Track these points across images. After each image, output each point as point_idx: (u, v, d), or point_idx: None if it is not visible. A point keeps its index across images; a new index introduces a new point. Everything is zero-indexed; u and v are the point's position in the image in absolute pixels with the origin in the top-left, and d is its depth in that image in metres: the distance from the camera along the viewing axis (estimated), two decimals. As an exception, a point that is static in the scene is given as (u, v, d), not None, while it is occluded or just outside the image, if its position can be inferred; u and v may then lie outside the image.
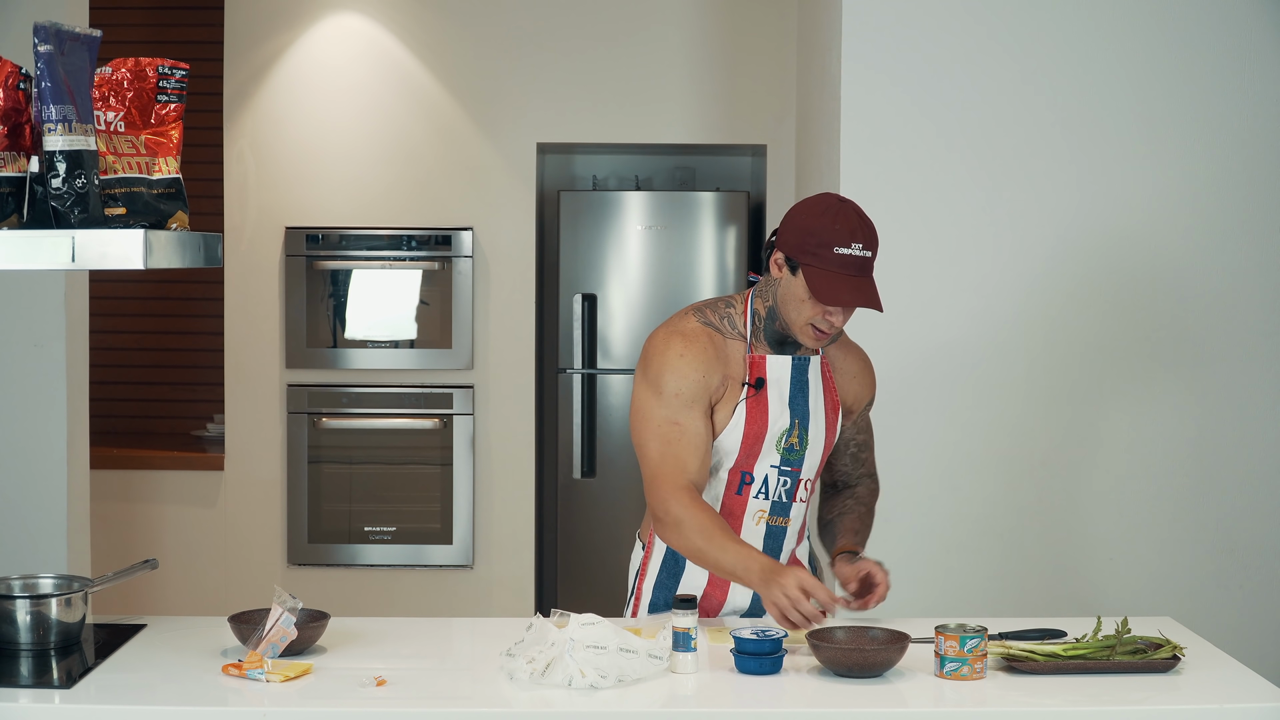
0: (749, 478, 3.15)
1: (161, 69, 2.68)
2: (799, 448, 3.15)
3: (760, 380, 3.11)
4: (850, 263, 3.00)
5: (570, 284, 6.26)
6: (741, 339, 3.15)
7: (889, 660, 2.79)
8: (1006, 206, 4.45)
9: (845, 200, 3.07)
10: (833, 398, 3.20)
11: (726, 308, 3.18)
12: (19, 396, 4.31)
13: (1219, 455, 4.47)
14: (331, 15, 6.14)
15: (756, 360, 3.13)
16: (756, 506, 3.16)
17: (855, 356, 3.30)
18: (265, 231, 6.17)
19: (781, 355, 3.14)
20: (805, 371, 3.16)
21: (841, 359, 3.27)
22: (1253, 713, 2.68)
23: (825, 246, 2.99)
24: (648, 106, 6.20)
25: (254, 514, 6.19)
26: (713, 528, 3.00)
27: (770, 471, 3.15)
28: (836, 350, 3.26)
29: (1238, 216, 4.44)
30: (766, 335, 3.15)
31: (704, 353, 3.09)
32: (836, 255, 2.99)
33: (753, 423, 3.10)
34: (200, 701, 2.66)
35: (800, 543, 3.28)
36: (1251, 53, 4.41)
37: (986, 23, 4.43)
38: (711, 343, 3.11)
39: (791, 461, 3.15)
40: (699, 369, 3.08)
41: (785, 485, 3.16)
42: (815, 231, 3.01)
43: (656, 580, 3.24)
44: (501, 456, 6.21)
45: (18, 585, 3.02)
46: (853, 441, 3.32)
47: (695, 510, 3.01)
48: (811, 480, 3.20)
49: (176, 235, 2.60)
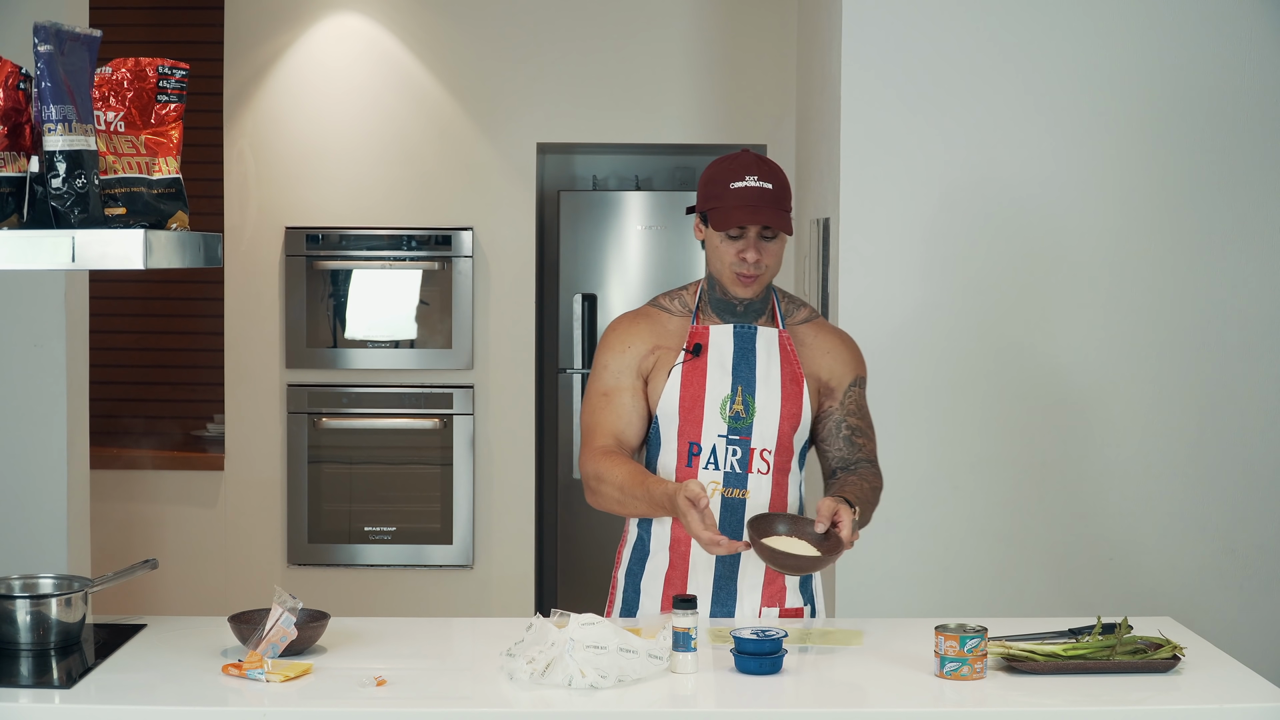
0: (696, 448, 3.19)
1: (161, 69, 2.68)
2: (745, 415, 3.18)
3: (698, 346, 3.21)
4: (749, 194, 3.12)
5: (570, 284, 6.26)
6: (687, 314, 3.26)
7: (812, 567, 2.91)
8: (1006, 206, 4.45)
9: (745, 150, 3.23)
10: (793, 369, 3.22)
11: (682, 290, 3.32)
12: (19, 396, 4.31)
13: (1219, 455, 4.47)
14: (331, 15, 6.14)
15: (697, 329, 3.23)
16: (708, 477, 3.18)
17: (830, 334, 3.32)
18: (265, 231, 6.17)
19: (724, 325, 3.23)
20: (752, 340, 3.22)
21: (812, 335, 3.29)
22: (1253, 713, 2.68)
23: (723, 186, 3.15)
24: (648, 106, 6.20)
25: (254, 514, 6.19)
26: (626, 476, 3.11)
27: (718, 441, 3.18)
28: (808, 328, 3.29)
29: (1238, 216, 4.44)
30: (713, 306, 3.25)
31: (633, 328, 3.27)
32: (733, 190, 3.13)
33: (689, 386, 3.19)
34: (200, 701, 2.66)
35: None
36: (1251, 54, 4.41)
37: (986, 24, 4.43)
38: (648, 319, 3.28)
39: (739, 430, 3.18)
40: (626, 342, 3.24)
41: (736, 455, 3.18)
42: (714, 178, 3.18)
43: (627, 569, 3.28)
44: (501, 456, 6.21)
45: (18, 585, 3.02)
46: (844, 424, 3.26)
47: (610, 464, 3.14)
48: (770, 451, 3.19)
49: (176, 235, 2.60)
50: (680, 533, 3.19)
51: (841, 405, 3.27)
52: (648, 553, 3.25)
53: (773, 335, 3.24)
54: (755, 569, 3.20)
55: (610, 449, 3.18)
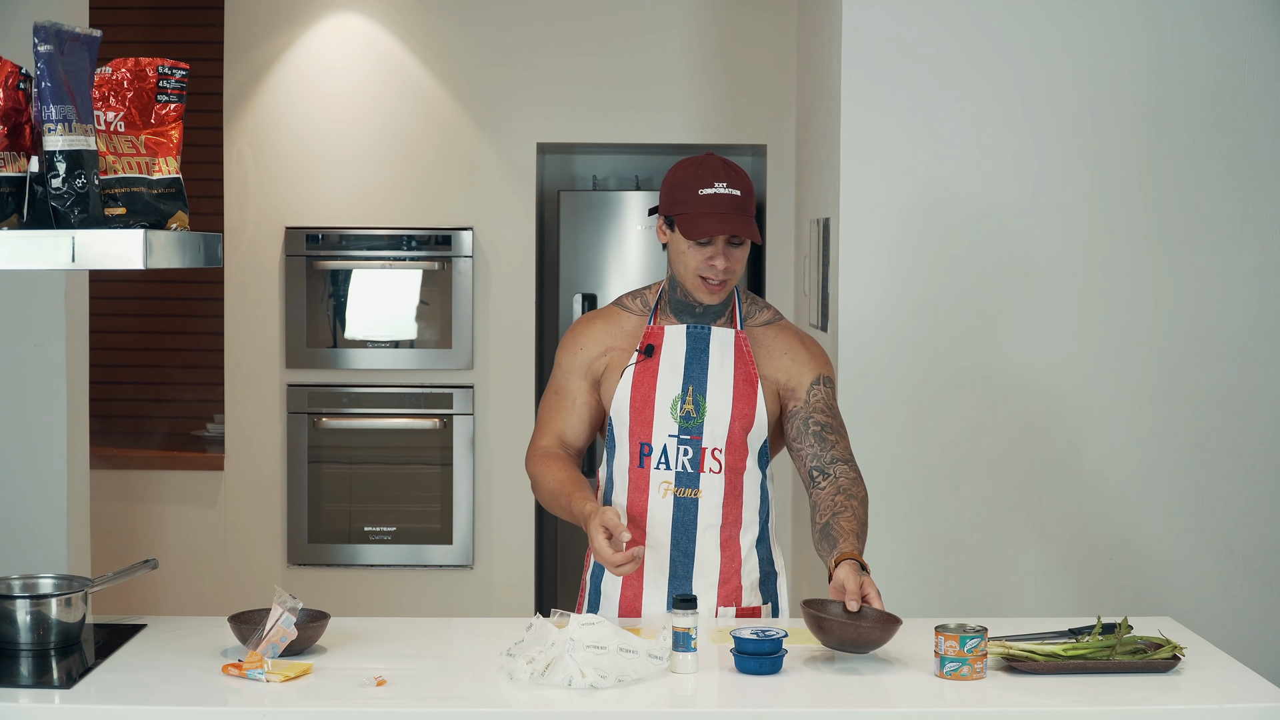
0: (648, 448, 3.20)
1: (161, 69, 2.68)
2: (695, 415, 3.18)
3: (650, 347, 3.22)
4: (717, 201, 3.11)
5: (570, 284, 6.26)
6: (646, 313, 3.26)
7: (881, 639, 2.83)
8: (1005, 207, 4.45)
9: (711, 154, 3.20)
10: (748, 370, 3.20)
11: (644, 290, 3.33)
12: (19, 396, 4.31)
13: (1219, 455, 4.47)
14: (331, 15, 6.14)
15: (652, 330, 3.24)
16: (660, 478, 3.19)
17: (790, 336, 3.28)
18: (265, 231, 6.17)
19: (678, 325, 3.23)
20: (705, 340, 3.22)
21: (772, 337, 3.26)
22: (1253, 713, 2.68)
23: (691, 192, 3.12)
24: (648, 106, 6.20)
25: (254, 514, 6.19)
26: (555, 484, 3.18)
27: (669, 441, 3.19)
28: (768, 330, 3.27)
29: (1238, 216, 4.45)
30: (672, 307, 3.25)
31: (589, 329, 3.29)
32: (702, 196, 3.11)
33: (640, 385, 3.20)
34: (200, 701, 2.66)
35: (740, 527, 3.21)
36: (1251, 55, 4.41)
37: (986, 25, 4.43)
38: (604, 319, 3.29)
39: (690, 430, 3.18)
40: (579, 343, 3.28)
41: (688, 455, 3.18)
42: (680, 183, 3.15)
43: (592, 571, 3.30)
44: (501, 456, 6.21)
45: (18, 585, 3.02)
46: (811, 420, 3.20)
47: (546, 467, 3.21)
48: (721, 450, 3.18)
49: (176, 235, 2.60)
50: (637, 535, 3.18)
51: (807, 403, 3.22)
52: None
53: (728, 336, 3.23)
54: (710, 569, 3.20)
55: (551, 450, 3.26)
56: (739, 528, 3.22)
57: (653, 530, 3.20)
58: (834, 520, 3.08)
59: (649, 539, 3.20)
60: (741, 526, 3.23)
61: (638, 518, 3.21)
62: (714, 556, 3.20)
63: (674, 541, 3.19)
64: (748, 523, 3.23)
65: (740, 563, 3.22)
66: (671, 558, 3.19)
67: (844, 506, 3.11)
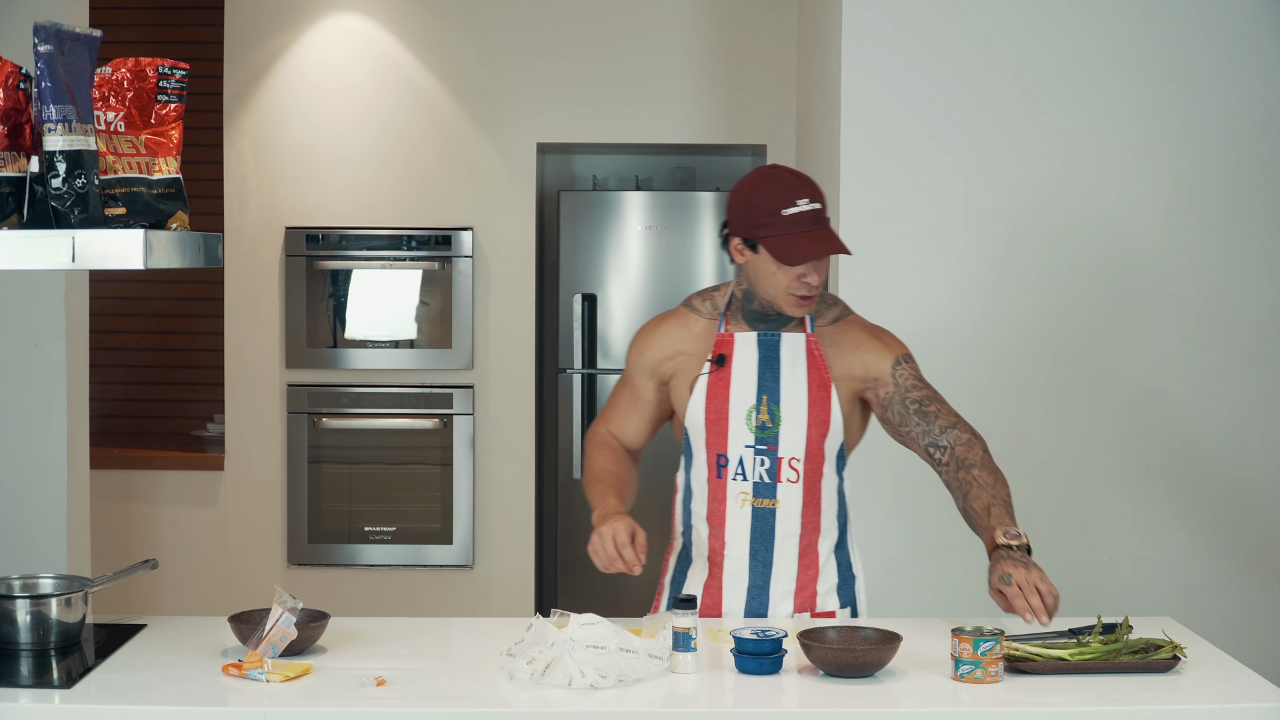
0: (724, 460, 3.18)
1: (161, 69, 2.68)
2: (771, 425, 3.16)
3: (722, 357, 3.18)
4: (802, 219, 3.05)
5: (570, 284, 6.26)
6: (715, 317, 3.22)
7: (879, 660, 2.79)
8: (1005, 207, 4.45)
9: (778, 166, 3.17)
10: (820, 374, 3.16)
11: (714, 291, 3.29)
12: (19, 396, 4.31)
13: (1219, 455, 4.47)
14: (331, 15, 6.14)
15: (722, 338, 3.19)
16: (737, 489, 3.17)
17: (856, 329, 3.23)
18: (265, 231, 6.17)
19: (749, 333, 3.19)
20: (776, 348, 3.18)
21: (841, 334, 3.21)
22: (1253, 713, 2.68)
23: (774, 213, 3.06)
24: (648, 106, 6.20)
25: (254, 514, 6.19)
26: (595, 469, 3.24)
27: (745, 452, 3.16)
28: (836, 328, 3.22)
29: (1238, 216, 4.45)
30: (745, 315, 3.21)
31: (657, 330, 3.28)
32: (786, 217, 3.05)
33: (714, 397, 3.17)
34: (200, 701, 2.66)
35: (819, 535, 3.21)
36: (1250, 56, 4.41)
37: (985, 24, 4.43)
38: (674, 320, 3.27)
39: (766, 440, 3.16)
40: (648, 344, 3.27)
41: (764, 465, 3.16)
42: (760, 203, 3.08)
43: (672, 576, 3.30)
44: (501, 456, 6.21)
45: (18, 585, 3.02)
46: (907, 400, 3.17)
47: (599, 452, 3.30)
48: (799, 460, 3.16)
49: (176, 235, 2.60)
50: (716, 544, 3.20)
51: (897, 385, 3.17)
52: (690, 560, 3.26)
53: (799, 340, 3.19)
54: (787, 577, 3.20)
55: (608, 439, 3.33)
56: (817, 535, 3.20)
57: (731, 539, 3.19)
58: (967, 504, 3.08)
59: (727, 547, 3.20)
60: (820, 534, 3.21)
61: (716, 527, 3.20)
62: (791, 564, 3.19)
63: (752, 551, 3.18)
64: (825, 529, 3.22)
65: (818, 570, 3.22)
66: (749, 566, 3.19)
67: (969, 483, 3.09)
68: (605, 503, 3.14)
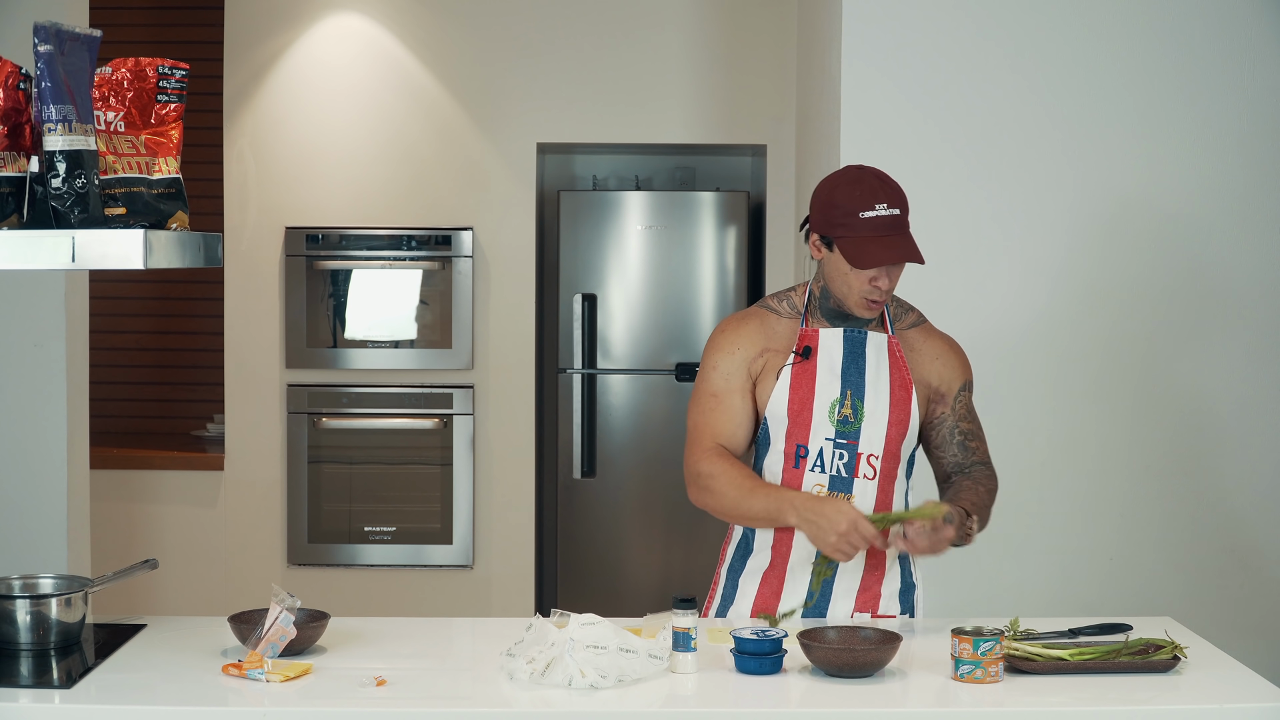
0: (804, 450, 3.17)
1: (161, 69, 2.68)
2: (853, 419, 3.16)
3: (808, 349, 3.17)
4: (880, 224, 3.06)
5: (570, 284, 6.26)
6: (796, 316, 3.21)
7: (879, 660, 2.79)
8: (1007, 207, 4.45)
9: (864, 167, 3.15)
10: (902, 375, 3.19)
11: (789, 291, 3.28)
12: (19, 396, 4.31)
13: (1219, 455, 4.47)
14: (331, 15, 6.14)
15: (807, 332, 3.19)
16: (813, 480, 3.17)
17: (938, 339, 3.30)
18: (265, 231, 6.17)
19: (834, 329, 3.19)
20: (862, 345, 3.19)
21: (922, 340, 3.26)
22: (1253, 713, 2.68)
23: (851, 215, 3.06)
24: (648, 106, 6.20)
25: (254, 514, 6.19)
26: (743, 477, 3.11)
27: (825, 444, 3.16)
28: (917, 333, 3.27)
29: (1238, 216, 4.45)
30: (823, 312, 3.21)
31: (742, 328, 3.22)
32: (864, 220, 3.06)
33: (798, 388, 3.16)
34: (200, 701, 2.66)
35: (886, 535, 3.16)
36: (1250, 53, 4.41)
37: (985, 23, 4.43)
38: (758, 321, 3.23)
39: (847, 434, 3.16)
40: (737, 344, 3.21)
41: (843, 459, 3.16)
42: (839, 203, 3.09)
43: (729, 565, 3.27)
44: (501, 456, 6.21)
45: (18, 585, 3.02)
46: (957, 429, 3.25)
47: (724, 465, 3.13)
48: (877, 457, 3.17)
49: (176, 235, 2.60)
50: (782, 533, 3.18)
51: (953, 411, 3.25)
52: (751, 550, 3.25)
53: (882, 341, 3.21)
54: (853, 574, 3.20)
55: (721, 450, 3.17)
56: (885, 535, 3.19)
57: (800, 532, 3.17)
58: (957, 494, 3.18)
59: (796, 539, 3.18)
60: (888, 534, 3.20)
61: None
62: (858, 563, 3.19)
63: None
64: (893, 532, 3.21)
65: (883, 572, 3.23)
66: (815, 560, 3.18)
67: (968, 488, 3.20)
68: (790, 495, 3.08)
